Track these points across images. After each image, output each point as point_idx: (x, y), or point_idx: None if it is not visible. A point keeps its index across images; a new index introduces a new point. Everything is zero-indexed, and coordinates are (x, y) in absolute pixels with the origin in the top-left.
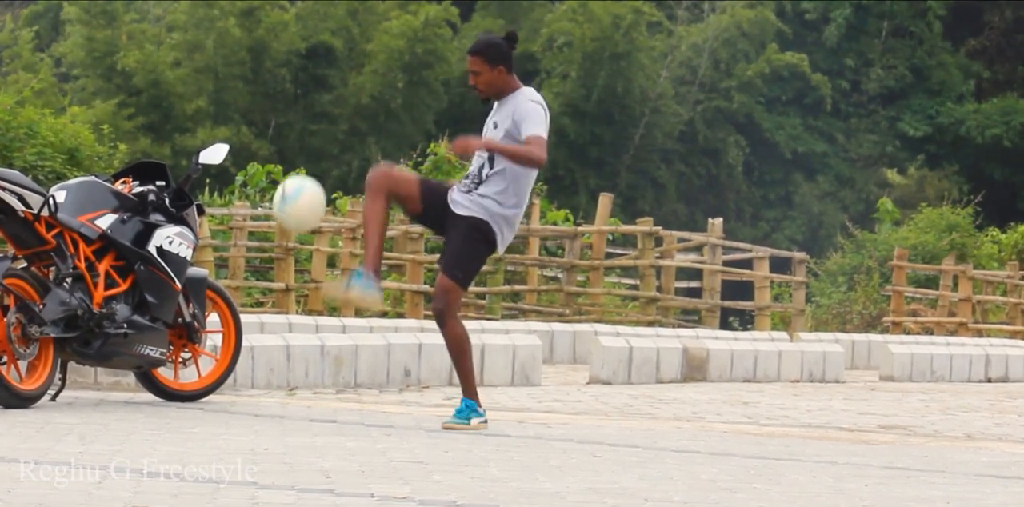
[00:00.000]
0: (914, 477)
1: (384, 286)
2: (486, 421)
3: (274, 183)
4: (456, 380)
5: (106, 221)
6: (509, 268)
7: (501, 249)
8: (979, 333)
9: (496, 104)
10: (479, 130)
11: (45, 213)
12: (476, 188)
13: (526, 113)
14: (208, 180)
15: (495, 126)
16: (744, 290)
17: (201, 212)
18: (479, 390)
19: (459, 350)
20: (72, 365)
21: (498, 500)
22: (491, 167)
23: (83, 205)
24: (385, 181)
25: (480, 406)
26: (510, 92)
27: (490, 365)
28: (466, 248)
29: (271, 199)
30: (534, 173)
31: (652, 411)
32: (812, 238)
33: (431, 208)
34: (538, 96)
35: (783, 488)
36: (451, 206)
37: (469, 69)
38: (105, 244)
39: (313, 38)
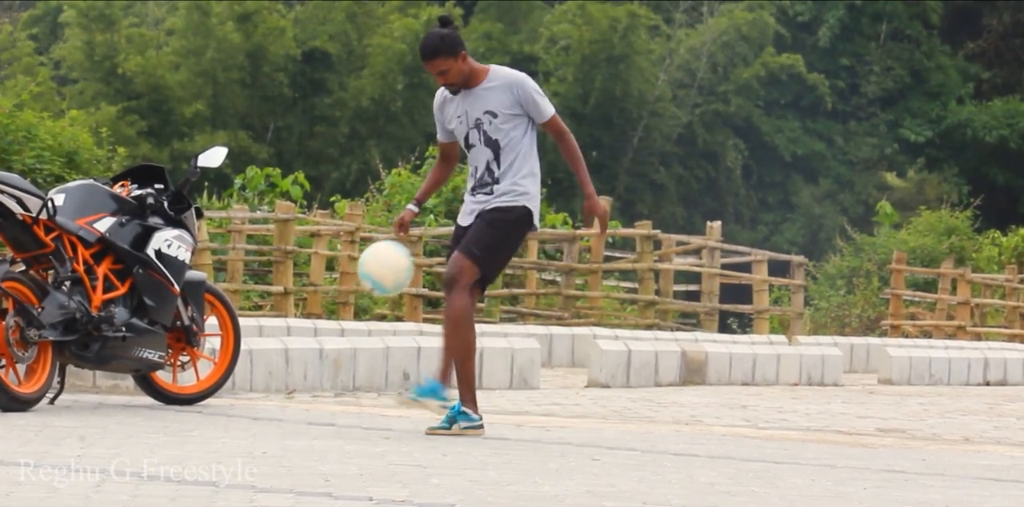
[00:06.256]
0: (912, 480)
1: None
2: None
3: (272, 186)
4: (456, 382)
5: (105, 224)
6: (507, 271)
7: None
8: (977, 336)
9: (461, 94)
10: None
11: (44, 216)
12: (494, 184)
13: (527, 95)
14: (207, 183)
15: (484, 116)
16: (743, 293)
17: (200, 215)
18: (478, 394)
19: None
20: (71, 368)
21: (496, 503)
22: (498, 165)
23: (82, 208)
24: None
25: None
26: (483, 75)
27: (488, 368)
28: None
29: (270, 202)
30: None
31: (650, 414)
32: (811, 241)
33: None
34: (516, 73)
35: (781, 491)
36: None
37: (435, 73)
38: (104, 247)
39: (311, 42)
